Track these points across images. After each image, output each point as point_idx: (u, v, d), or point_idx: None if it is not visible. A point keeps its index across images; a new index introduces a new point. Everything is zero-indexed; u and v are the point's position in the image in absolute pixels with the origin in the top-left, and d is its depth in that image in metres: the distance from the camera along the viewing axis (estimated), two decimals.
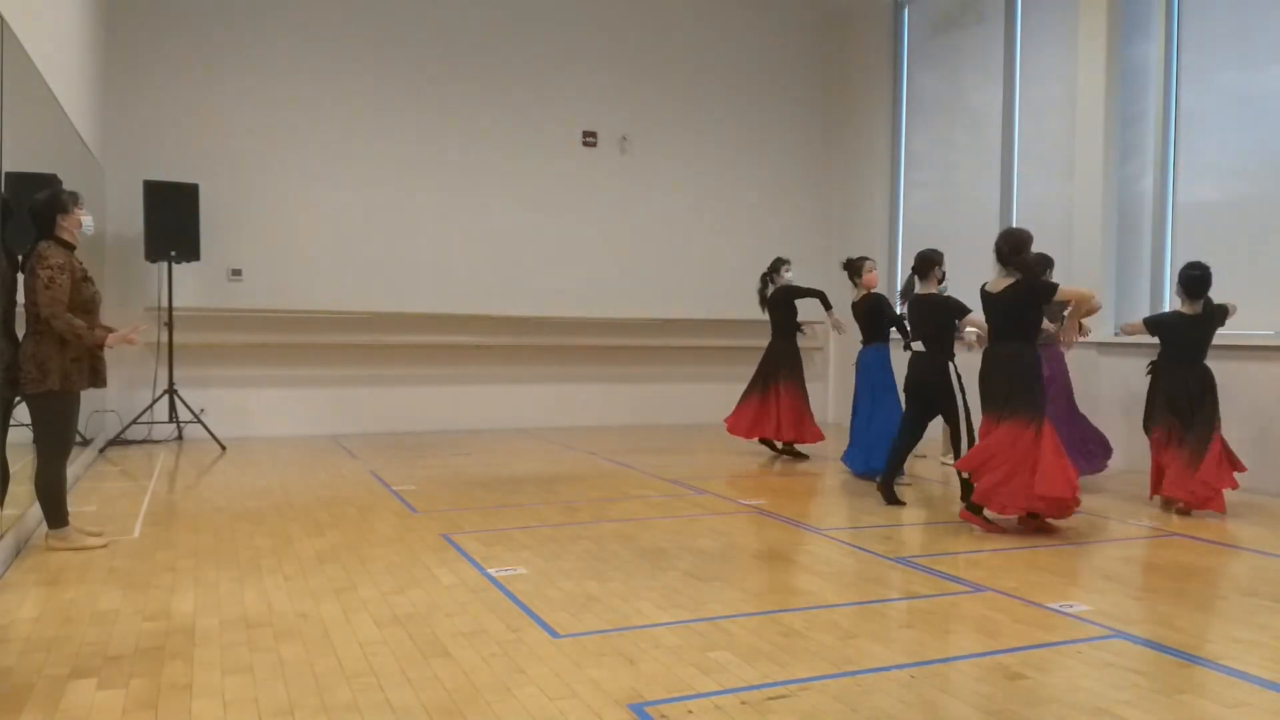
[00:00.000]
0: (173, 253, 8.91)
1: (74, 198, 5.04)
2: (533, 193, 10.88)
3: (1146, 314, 7.46)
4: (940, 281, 6.79)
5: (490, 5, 10.79)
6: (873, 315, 7.74)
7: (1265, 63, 7.69)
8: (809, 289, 8.60)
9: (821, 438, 8.57)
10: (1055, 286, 5.83)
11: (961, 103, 10.65)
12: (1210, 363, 6.48)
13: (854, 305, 7.88)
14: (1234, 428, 7.18)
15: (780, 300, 8.67)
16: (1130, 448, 7.68)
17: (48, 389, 4.76)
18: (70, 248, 4.95)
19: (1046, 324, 6.43)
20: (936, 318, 6.48)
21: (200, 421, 9.06)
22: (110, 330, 5.12)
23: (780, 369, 8.51)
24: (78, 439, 6.04)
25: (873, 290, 7.77)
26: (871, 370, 7.74)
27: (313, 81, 10.08)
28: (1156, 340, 6.58)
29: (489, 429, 10.50)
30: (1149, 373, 6.58)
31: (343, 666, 3.36)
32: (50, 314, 4.73)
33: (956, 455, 6.29)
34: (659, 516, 6.18)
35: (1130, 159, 8.61)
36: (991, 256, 5.87)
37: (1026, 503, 5.57)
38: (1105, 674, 3.37)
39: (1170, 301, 8.29)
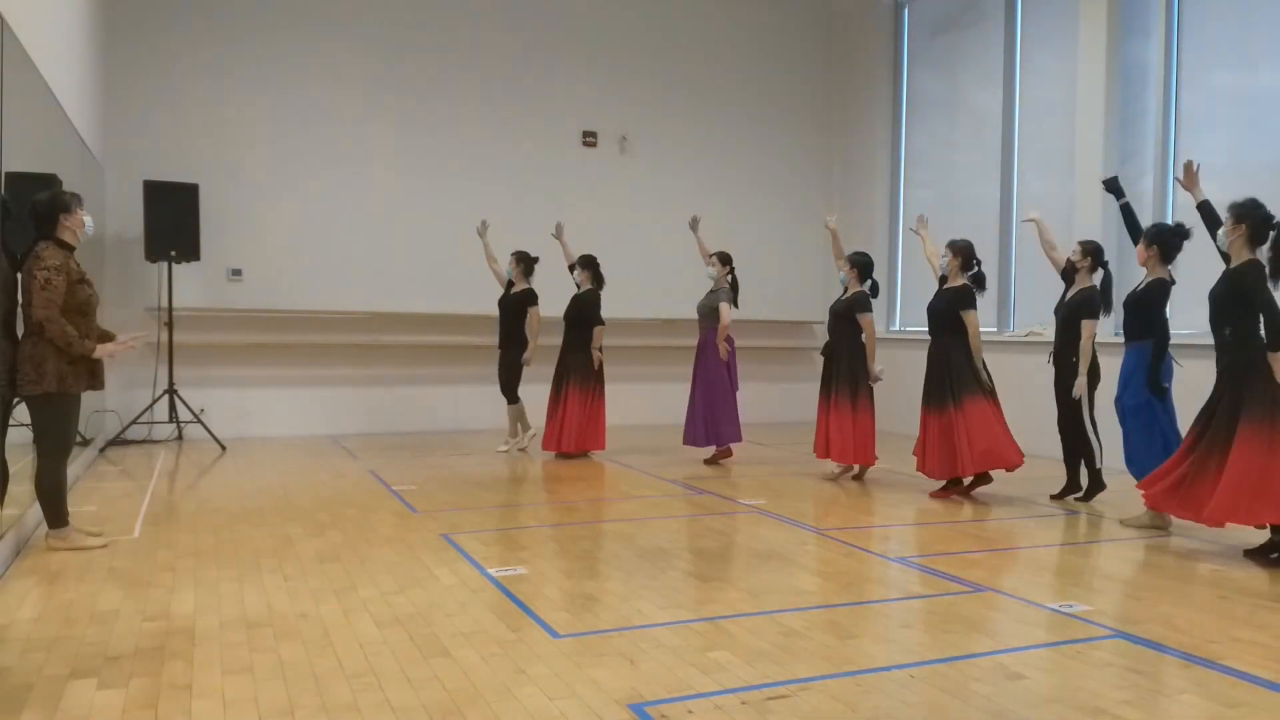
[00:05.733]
0: (173, 253, 8.91)
1: (76, 199, 5.03)
2: (533, 193, 10.87)
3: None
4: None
5: (490, 6, 10.79)
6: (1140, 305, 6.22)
7: (1265, 63, 7.69)
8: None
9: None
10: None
11: (961, 103, 10.65)
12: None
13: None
14: None
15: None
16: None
17: (44, 391, 4.75)
18: (69, 249, 4.94)
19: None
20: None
21: (200, 421, 9.05)
22: (107, 337, 5.11)
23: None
24: (78, 439, 6.03)
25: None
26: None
27: (313, 82, 10.08)
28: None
29: (489, 429, 10.49)
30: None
31: (343, 666, 3.36)
32: (44, 316, 4.71)
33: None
34: (659, 516, 6.18)
35: (1130, 159, 8.61)
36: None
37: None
38: (1105, 674, 3.36)
39: (1170, 302, 8.28)
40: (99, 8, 8.73)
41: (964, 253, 6.92)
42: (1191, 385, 7.27)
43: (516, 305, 8.79)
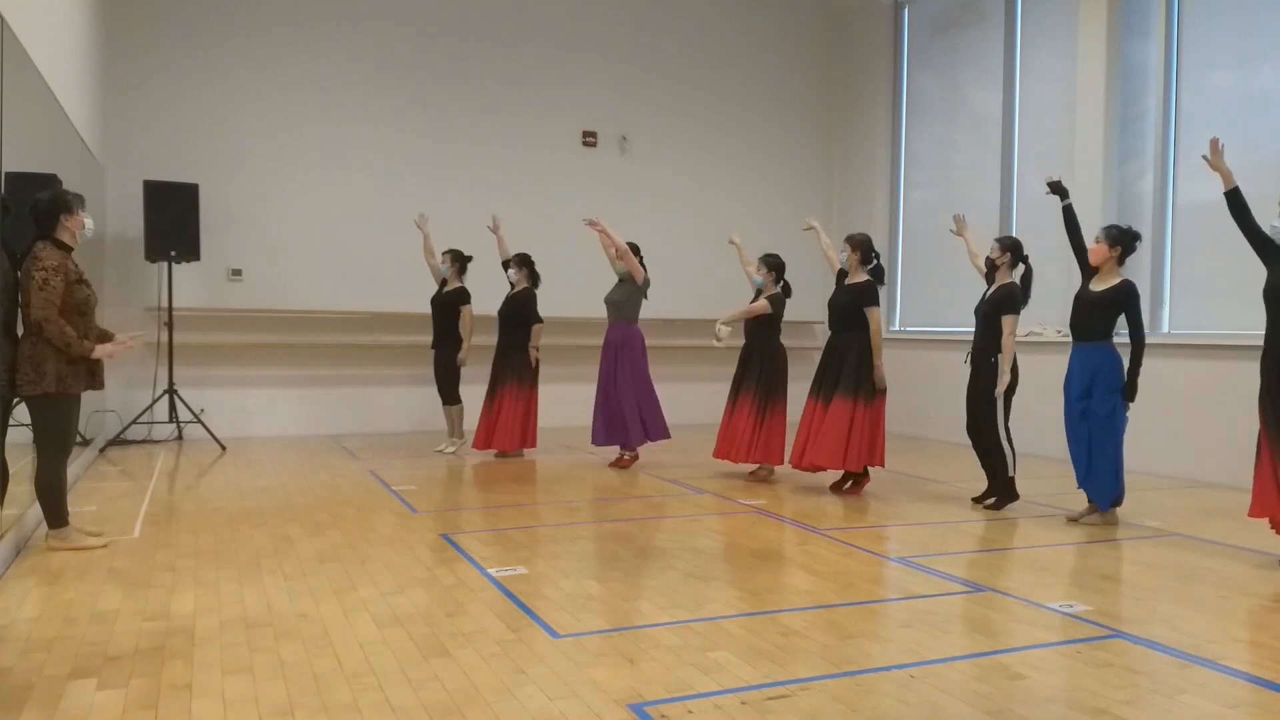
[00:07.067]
0: (173, 253, 8.91)
1: (78, 200, 5.03)
2: (533, 193, 10.88)
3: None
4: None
5: (490, 6, 10.80)
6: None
7: (1265, 63, 7.69)
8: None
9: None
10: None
11: (961, 103, 10.65)
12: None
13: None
14: (1228, 427, 7.17)
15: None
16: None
17: (44, 391, 4.75)
18: (67, 249, 4.94)
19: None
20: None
21: (200, 421, 9.06)
22: (106, 337, 5.11)
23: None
24: (78, 439, 6.03)
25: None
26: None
27: (313, 82, 10.09)
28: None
29: None
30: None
31: (343, 666, 3.36)
32: (43, 317, 4.71)
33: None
34: (659, 516, 6.18)
35: (1130, 159, 8.61)
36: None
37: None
38: (1105, 674, 3.36)
39: (1170, 302, 8.29)
40: (99, 8, 8.73)
41: (862, 246, 6.91)
42: (1189, 388, 7.32)
43: (449, 304, 8.78)
